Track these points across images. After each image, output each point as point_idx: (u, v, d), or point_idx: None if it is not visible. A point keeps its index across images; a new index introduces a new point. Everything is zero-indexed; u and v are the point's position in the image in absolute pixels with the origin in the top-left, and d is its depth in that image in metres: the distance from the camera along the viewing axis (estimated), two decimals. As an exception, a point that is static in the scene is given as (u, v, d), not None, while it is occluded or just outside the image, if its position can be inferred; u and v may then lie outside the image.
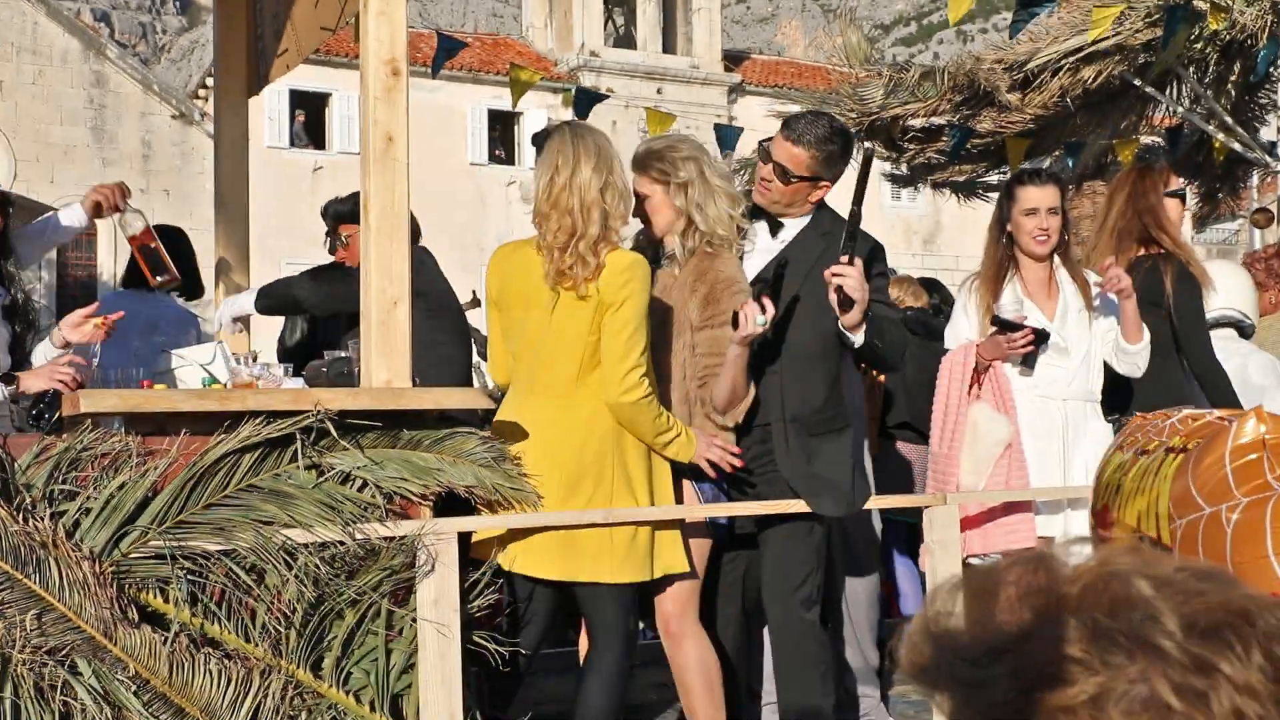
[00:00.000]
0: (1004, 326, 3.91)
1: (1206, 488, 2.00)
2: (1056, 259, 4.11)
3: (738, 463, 3.49)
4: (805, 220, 3.70)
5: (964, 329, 4.14)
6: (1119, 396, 4.17)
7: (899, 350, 3.64)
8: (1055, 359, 4.01)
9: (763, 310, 3.31)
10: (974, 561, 3.90)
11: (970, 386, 3.99)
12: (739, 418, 3.53)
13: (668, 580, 3.55)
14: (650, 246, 3.68)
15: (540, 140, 3.47)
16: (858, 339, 3.45)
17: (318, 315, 4.92)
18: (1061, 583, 0.77)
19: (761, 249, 3.72)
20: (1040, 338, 3.92)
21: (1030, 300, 4.06)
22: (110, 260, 25.68)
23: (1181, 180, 4.70)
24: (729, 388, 3.45)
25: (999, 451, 3.88)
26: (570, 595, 3.47)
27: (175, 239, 5.14)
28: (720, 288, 3.50)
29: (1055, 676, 0.73)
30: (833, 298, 3.38)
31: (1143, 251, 4.36)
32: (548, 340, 3.37)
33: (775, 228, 3.73)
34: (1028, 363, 4.00)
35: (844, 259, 3.37)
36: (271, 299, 4.45)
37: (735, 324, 3.35)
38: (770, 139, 3.68)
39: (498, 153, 28.98)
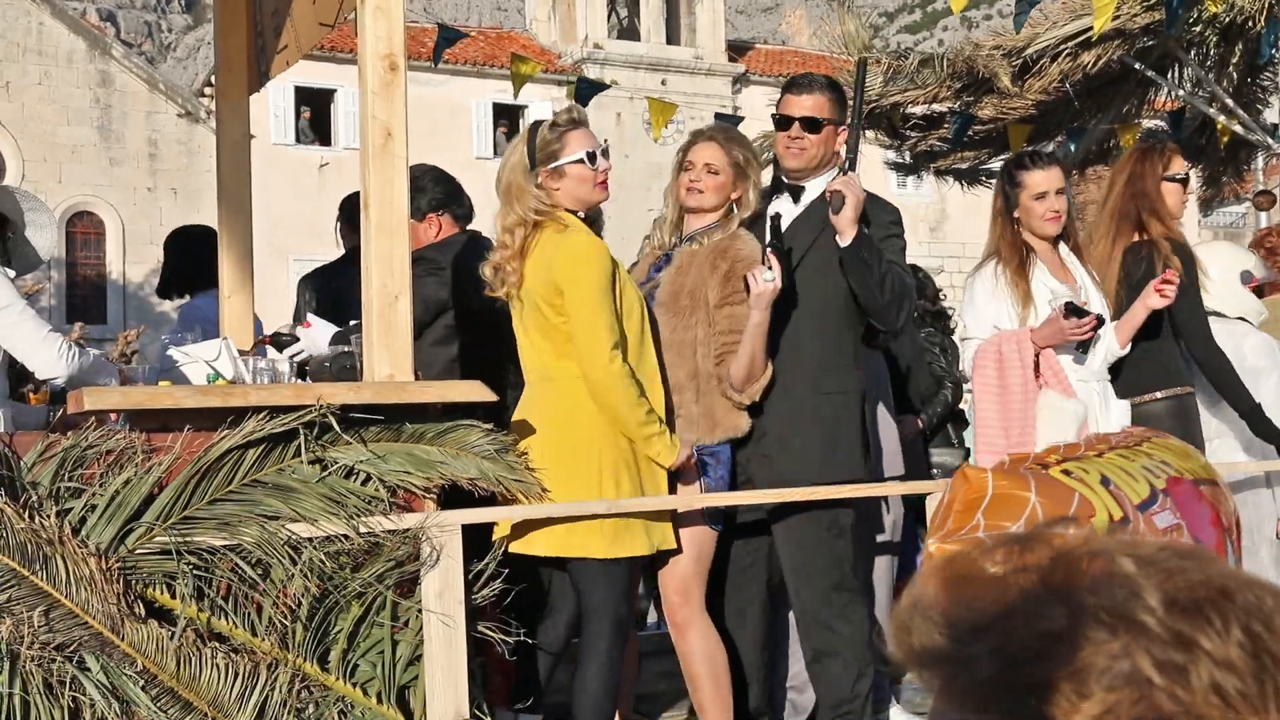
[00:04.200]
0: (1074, 313, 3.88)
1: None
2: (1060, 243, 4.11)
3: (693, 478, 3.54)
4: (825, 181, 3.73)
5: (995, 316, 4.05)
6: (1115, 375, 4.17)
7: (893, 292, 3.58)
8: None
9: (770, 268, 3.42)
10: None
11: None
12: (755, 396, 3.56)
13: (672, 568, 3.57)
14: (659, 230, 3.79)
15: None
16: (845, 239, 3.52)
17: None
18: (1045, 561, 0.78)
19: (788, 216, 3.75)
20: (1100, 323, 3.94)
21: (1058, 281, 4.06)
22: (119, 260, 25.73)
23: (1186, 164, 4.66)
24: (747, 361, 3.49)
25: (1077, 431, 3.83)
26: None
27: (199, 240, 5.17)
28: (740, 266, 3.53)
29: (1036, 653, 0.74)
30: (832, 203, 3.53)
31: (1138, 236, 4.35)
32: (527, 329, 3.47)
33: (795, 195, 3.78)
34: (1083, 348, 3.99)
35: (844, 174, 3.58)
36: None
37: (748, 289, 3.47)
38: (776, 112, 3.78)
39: (503, 147, 29.01)
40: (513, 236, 3.43)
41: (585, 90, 5.82)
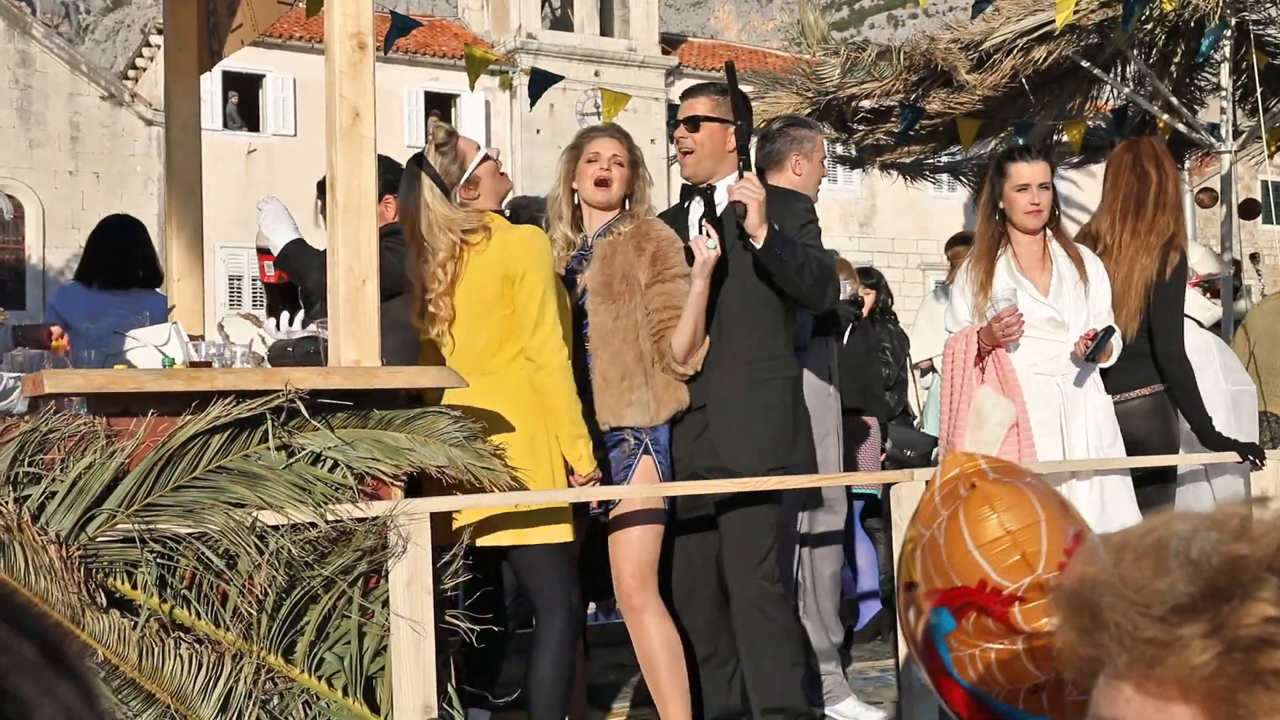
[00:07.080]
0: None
1: (923, 517, 2.52)
2: (1049, 232, 4.13)
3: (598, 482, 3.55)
4: (732, 179, 3.81)
5: (962, 310, 4.14)
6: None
7: (815, 277, 3.65)
8: (1052, 333, 4.00)
9: (709, 236, 3.56)
10: None
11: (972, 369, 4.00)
12: (698, 365, 3.68)
13: (626, 554, 3.60)
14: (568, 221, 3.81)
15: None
16: (758, 241, 3.55)
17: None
18: (1252, 539, 0.73)
19: (698, 217, 3.82)
20: (1107, 333, 3.91)
21: (1024, 276, 4.07)
22: (39, 244, 25.11)
23: None
24: (691, 330, 3.61)
25: (1002, 433, 3.87)
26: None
27: (131, 230, 5.03)
28: (666, 244, 3.66)
29: (1260, 639, 0.69)
30: (737, 211, 3.55)
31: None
32: (463, 318, 3.45)
33: (706, 195, 3.82)
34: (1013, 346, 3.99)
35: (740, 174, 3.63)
36: (289, 265, 4.17)
37: (691, 260, 3.58)
38: (675, 122, 3.89)
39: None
40: (445, 271, 3.42)
41: (538, 82, 5.75)
